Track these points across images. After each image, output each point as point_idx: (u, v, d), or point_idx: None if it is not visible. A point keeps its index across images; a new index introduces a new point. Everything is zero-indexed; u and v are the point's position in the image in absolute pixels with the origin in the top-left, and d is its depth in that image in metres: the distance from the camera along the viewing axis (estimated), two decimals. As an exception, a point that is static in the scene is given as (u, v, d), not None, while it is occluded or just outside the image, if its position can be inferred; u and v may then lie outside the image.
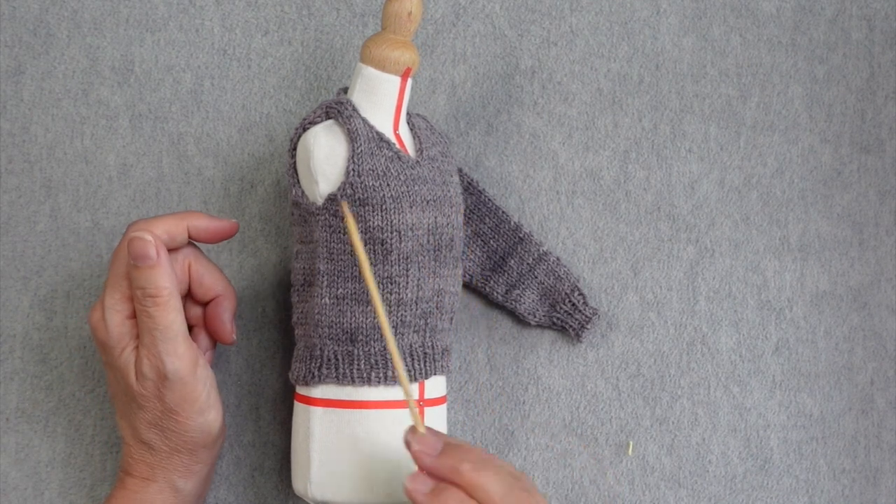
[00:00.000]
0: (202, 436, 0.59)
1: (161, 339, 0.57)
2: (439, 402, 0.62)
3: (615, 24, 0.73)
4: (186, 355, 0.57)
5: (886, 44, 0.75)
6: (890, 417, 0.72)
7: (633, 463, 0.69)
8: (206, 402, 0.59)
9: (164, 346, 0.57)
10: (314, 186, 0.59)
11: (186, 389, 0.58)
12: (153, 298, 0.56)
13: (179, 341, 0.57)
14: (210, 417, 0.59)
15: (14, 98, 0.69)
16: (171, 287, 0.57)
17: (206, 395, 0.59)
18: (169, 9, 0.70)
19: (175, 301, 0.57)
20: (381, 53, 0.59)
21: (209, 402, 0.59)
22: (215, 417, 0.59)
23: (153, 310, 0.57)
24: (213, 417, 0.59)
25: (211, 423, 0.59)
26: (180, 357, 0.57)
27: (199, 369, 0.58)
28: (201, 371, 0.58)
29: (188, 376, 0.57)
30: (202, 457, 0.60)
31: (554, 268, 0.69)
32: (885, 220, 0.74)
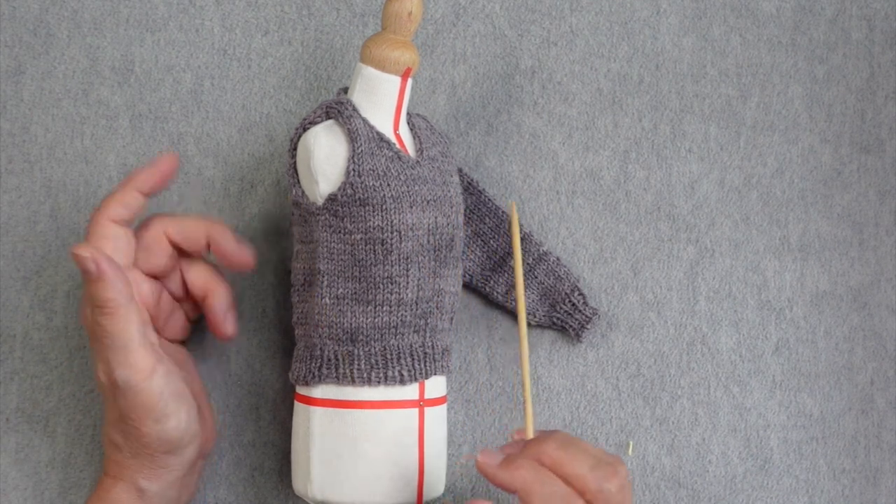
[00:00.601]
0: (160, 443, 0.58)
1: (110, 348, 0.55)
2: (439, 402, 0.62)
3: (615, 24, 0.73)
4: (139, 365, 0.56)
5: (886, 44, 0.75)
6: (890, 417, 0.72)
7: (633, 463, 0.69)
8: (162, 411, 0.56)
9: (113, 354, 0.55)
10: (314, 186, 0.59)
11: (139, 399, 0.56)
12: (100, 309, 0.55)
13: (131, 350, 0.55)
14: (169, 426, 0.57)
15: (14, 98, 0.69)
16: (118, 298, 0.55)
17: (163, 405, 0.56)
18: (169, 9, 0.70)
19: (125, 310, 0.55)
20: (381, 53, 0.59)
21: (166, 412, 0.57)
22: (175, 426, 0.57)
23: (101, 319, 0.55)
24: (173, 426, 0.57)
25: (169, 432, 0.57)
26: (131, 366, 0.55)
27: (155, 378, 0.56)
28: (158, 380, 0.56)
29: (140, 385, 0.56)
30: (166, 462, 0.59)
31: (554, 268, 0.69)
32: (885, 220, 0.74)
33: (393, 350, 0.59)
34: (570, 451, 0.53)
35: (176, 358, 0.63)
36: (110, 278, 0.55)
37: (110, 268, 0.55)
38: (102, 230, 0.58)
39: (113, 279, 0.55)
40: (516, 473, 0.52)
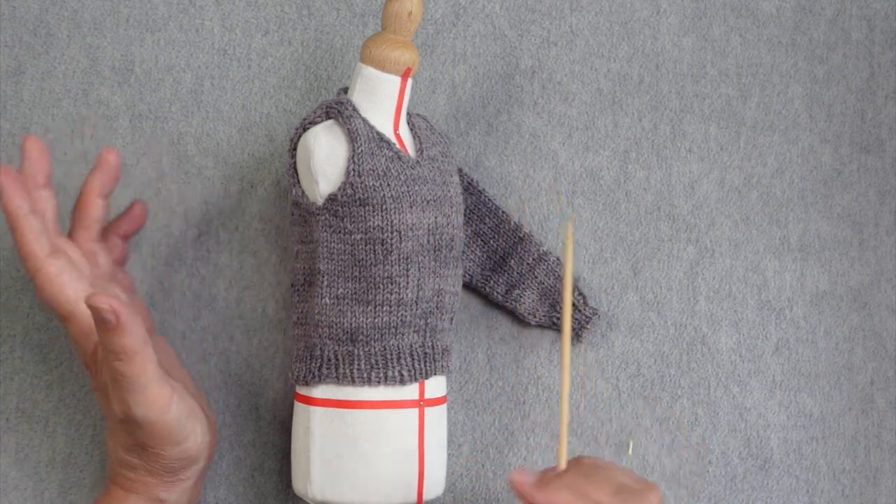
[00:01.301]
0: (180, 462, 0.58)
1: (129, 390, 0.54)
2: (439, 402, 0.62)
3: (615, 24, 0.73)
4: (158, 402, 0.55)
5: (886, 44, 0.75)
6: (890, 417, 0.72)
7: (633, 463, 0.69)
8: (180, 435, 0.56)
9: (131, 396, 0.54)
10: (314, 186, 0.59)
11: (156, 429, 0.55)
12: (116, 355, 0.53)
13: (149, 390, 0.54)
14: (188, 445, 0.57)
15: (14, 98, 0.69)
16: (135, 344, 0.53)
17: (181, 429, 0.56)
18: (169, 9, 0.70)
19: (142, 355, 0.54)
20: (381, 53, 0.59)
21: (184, 434, 0.57)
22: (192, 444, 0.57)
23: (118, 365, 0.54)
24: (191, 444, 0.57)
25: (188, 450, 0.57)
26: (149, 405, 0.55)
27: (172, 408, 0.55)
28: (175, 408, 0.56)
29: (158, 419, 0.55)
30: (185, 474, 0.59)
31: (554, 268, 0.69)
32: (885, 220, 0.74)
33: (393, 350, 0.59)
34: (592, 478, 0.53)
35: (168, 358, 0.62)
36: (128, 325, 0.53)
37: (127, 314, 0.53)
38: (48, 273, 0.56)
39: (131, 325, 0.53)
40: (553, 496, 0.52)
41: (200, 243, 0.69)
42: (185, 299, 0.68)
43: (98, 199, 0.60)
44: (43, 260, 0.56)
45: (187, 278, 0.68)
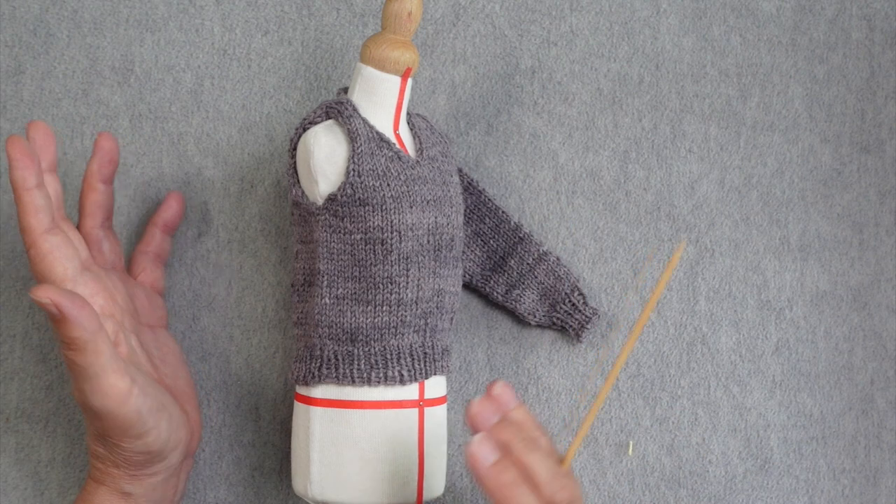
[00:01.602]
0: (142, 456, 0.58)
1: (83, 379, 0.54)
2: (439, 402, 0.62)
3: (615, 24, 0.73)
4: (113, 391, 0.55)
5: (886, 44, 0.75)
6: (890, 417, 0.72)
7: (633, 463, 0.69)
8: (141, 428, 0.56)
9: (86, 384, 0.54)
10: (314, 186, 0.59)
11: (117, 421, 0.55)
12: (67, 345, 0.54)
13: (102, 379, 0.54)
14: (149, 440, 0.57)
15: (14, 98, 0.69)
16: (83, 335, 0.53)
17: (141, 423, 0.56)
18: (169, 9, 0.70)
19: (93, 345, 0.54)
20: (381, 53, 0.59)
21: (145, 428, 0.56)
22: (155, 439, 0.57)
23: (69, 354, 0.54)
24: (153, 439, 0.57)
25: (150, 445, 0.57)
26: (105, 394, 0.55)
27: (131, 400, 0.55)
28: (134, 401, 0.55)
29: (117, 409, 0.55)
30: (150, 469, 0.59)
31: (554, 268, 0.69)
32: (885, 220, 0.74)
33: (393, 350, 0.59)
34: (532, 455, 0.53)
35: (162, 353, 0.62)
36: (73, 317, 0.53)
37: (72, 305, 0.53)
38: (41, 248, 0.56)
39: (76, 317, 0.53)
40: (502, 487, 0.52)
41: (200, 243, 0.69)
42: (185, 299, 0.68)
43: (99, 183, 0.61)
44: (38, 234, 0.56)
45: (187, 278, 0.68)
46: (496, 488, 0.52)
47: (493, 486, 0.52)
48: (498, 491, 0.52)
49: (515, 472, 0.53)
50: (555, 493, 0.53)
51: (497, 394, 0.56)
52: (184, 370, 0.63)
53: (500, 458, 0.53)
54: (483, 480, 0.52)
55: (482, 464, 0.53)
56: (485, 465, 0.53)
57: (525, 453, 0.53)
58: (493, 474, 0.52)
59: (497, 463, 0.53)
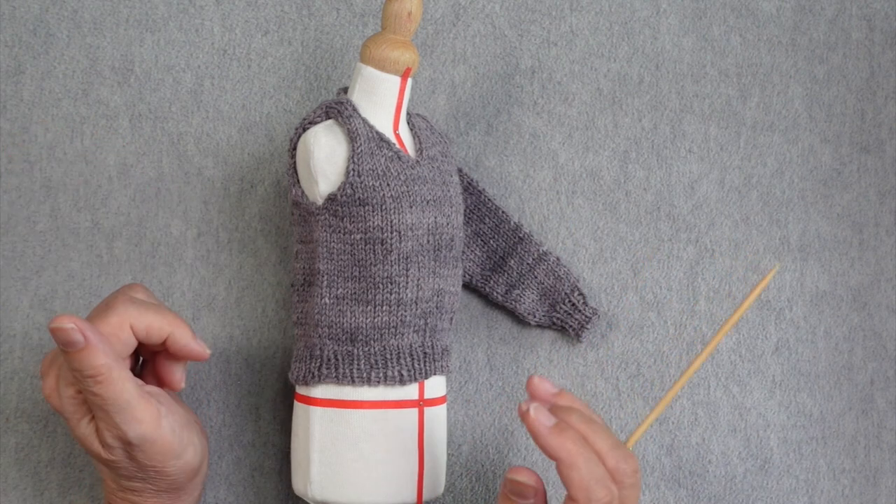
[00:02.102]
0: (185, 474, 0.58)
1: (115, 412, 0.54)
2: (439, 402, 0.62)
3: (615, 24, 0.73)
4: (147, 416, 0.55)
5: (886, 44, 0.75)
6: (890, 417, 0.72)
7: (633, 463, 0.69)
8: (179, 446, 0.56)
9: (119, 417, 0.54)
10: (314, 186, 0.59)
11: (156, 447, 0.55)
12: (92, 378, 0.53)
13: (134, 406, 0.54)
14: (188, 456, 0.57)
15: (14, 98, 0.69)
16: (108, 362, 0.53)
17: (178, 441, 0.56)
18: (169, 9, 0.70)
19: (117, 372, 0.54)
20: (381, 53, 0.59)
21: (182, 445, 0.57)
22: (193, 454, 0.57)
23: (96, 388, 0.53)
24: (192, 455, 0.57)
25: (190, 461, 0.57)
26: (140, 421, 0.54)
27: (162, 422, 0.55)
28: (166, 422, 0.56)
29: (154, 434, 0.55)
30: (190, 486, 0.59)
31: (554, 268, 0.69)
32: (885, 220, 0.74)
33: (393, 350, 0.59)
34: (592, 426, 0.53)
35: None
36: (97, 344, 0.53)
37: (93, 333, 0.53)
38: None
39: (99, 344, 0.53)
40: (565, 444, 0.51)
41: (200, 243, 0.69)
42: (184, 299, 0.68)
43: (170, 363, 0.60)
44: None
45: (187, 278, 0.68)
46: (559, 446, 0.51)
47: (556, 443, 0.51)
48: (562, 448, 0.51)
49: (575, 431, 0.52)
50: (619, 462, 0.52)
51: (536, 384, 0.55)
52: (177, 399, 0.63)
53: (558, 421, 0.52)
54: (545, 440, 0.51)
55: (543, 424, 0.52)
56: (546, 426, 0.52)
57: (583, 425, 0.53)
58: (555, 433, 0.51)
59: (558, 425, 0.52)
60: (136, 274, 0.68)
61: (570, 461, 0.51)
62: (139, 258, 0.68)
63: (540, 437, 0.52)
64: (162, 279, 0.68)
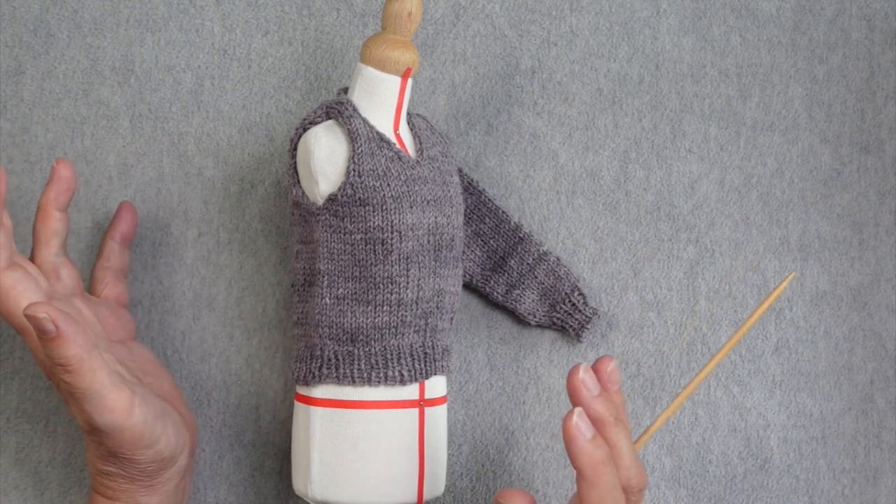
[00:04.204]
0: (156, 464, 0.57)
1: (84, 400, 0.54)
2: (439, 402, 0.62)
3: (615, 24, 0.73)
4: (118, 405, 0.54)
5: (886, 44, 0.75)
6: (890, 417, 0.72)
7: (633, 463, 0.69)
8: (150, 436, 0.56)
9: (88, 405, 0.54)
10: (314, 186, 0.59)
11: (126, 434, 0.55)
12: (62, 367, 0.53)
13: (104, 395, 0.54)
14: (161, 446, 0.57)
15: (14, 98, 0.69)
16: (78, 353, 0.52)
17: (150, 431, 0.56)
18: (169, 9, 0.70)
19: (88, 363, 0.53)
20: (381, 53, 0.59)
21: (155, 435, 0.56)
22: (166, 445, 0.57)
23: (66, 377, 0.53)
24: (163, 445, 0.57)
25: (162, 452, 0.57)
26: (110, 410, 0.54)
27: (135, 410, 0.55)
28: (138, 411, 0.55)
29: (124, 422, 0.55)
30: (164, 476, 0.59)
31: (554, 268, 0.69)
32: (885, 220, 0.74)
33: (393, 350, 0.60)
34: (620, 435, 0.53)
35: (140, 364, 0.62)
36: (69, 333, 0.52)
37: (67, 321, 0.52)
38: (3, 285, 0.56)
39: (73, 333, 0.52)
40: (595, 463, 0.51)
41: (200, 243, 0.69)
42: (185, 299, 0.68)
43: (55, 211, 0.60)
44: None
45: (187, 278, 0.68)
46: (590, 465, 0.51)
47: (587, 462, 0.51)
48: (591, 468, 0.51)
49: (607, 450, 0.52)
50: (631, 478, 0.53)
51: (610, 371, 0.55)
52: (165, 374, 0.63)
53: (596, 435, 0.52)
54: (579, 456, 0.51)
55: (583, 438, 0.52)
56: (585, 440, 0.52)
57: (615, 433, 0.53)
58: (589, 450, 0.51)
59: (594, 439, 0.52)
60: (136, 274, 0.68)
61: (594, 480, 0.51)
62: (139, 258, 0.68)
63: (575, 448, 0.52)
64: (162, 279, 0.68)
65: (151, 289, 0.68)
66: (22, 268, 0.57)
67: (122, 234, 0.65)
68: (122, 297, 0.64)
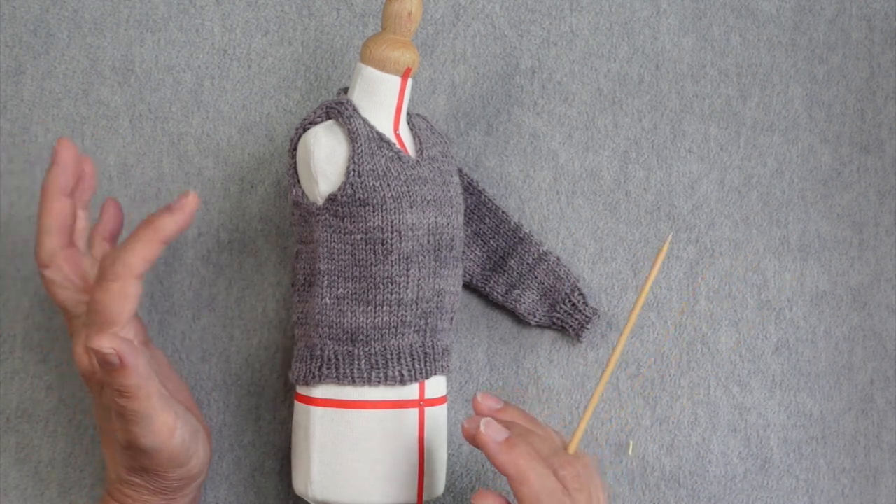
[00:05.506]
0: (183, 481, 0.58)
1: (133, 423, 0.54)
2: (440, 402, 0.62)
3: (615, 24, 0.73)
4: (163, 429, 0.55)
5: (886, 44, 0.75)
6: (890, 417, 0.72)
7: (633, 463, 0.69)
8: (185, 456, 0.56)
9: (136, 427, 0.54)
10: (314, 186, 0.59)
11: (164, 455, 0.55)
12: (119, 393, 0.53)
13: (153, 419, 0.54)
14: (191, 465, 0.57)
15: (14, 98, 0.69)
16: (139, 382, 0.52)
17: (185, 451, 0.56)
18: (169, 9, 0.70)
19: (145, 390, 0.53)
20: (381, 53, 0.59)
21: (188, 455, 0.57)
22: (196, 463, 0.58)
23: (121, 401, 0.53)
24: (194, 464, 0.57)
25: (192, 469, 0.58)
26: (156, 434, 0.54)
27: (176, 433, 0.55)
28: (178, 433, 0.55)
29: (165, 445, 0.55)
30: (186, 491, 0.59)
31: (554, 268, 0.69)
32: (885, 220, 0.74)
33: (393, 350, 0.60)
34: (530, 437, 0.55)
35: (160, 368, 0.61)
36: (132, 365, 0.52)
37: (132, 352, 0.52)
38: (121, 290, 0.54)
39: (135, 365, 0.52)
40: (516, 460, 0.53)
41: (200, 243, 0.69)
42: (185, 299, 0.68)
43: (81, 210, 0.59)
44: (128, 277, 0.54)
45: (187, 278, 0.68)
46: (510, 462, 0.52)
47: (507, 459, 0.52)
48: (512, 464, 0.52)
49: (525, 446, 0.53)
50: (557, 469, 0.53)
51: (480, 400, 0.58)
52: (182, 381, 0.63)
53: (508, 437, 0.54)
54: (496, 456, 0.53)
55: (494, 439, 0.53)
56: (496, 441, 0.53)
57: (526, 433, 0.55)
58: (505, 449, 0.53)
59: (508, 440, 0.53)
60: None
61: (520, 476, 0.52)
62: (139, 258, 0.68)
63: (490, 453, 0.53)
64: (162, 279, 0.68)
65: (151, 289, 0.68)
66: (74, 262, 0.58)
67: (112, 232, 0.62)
68: None
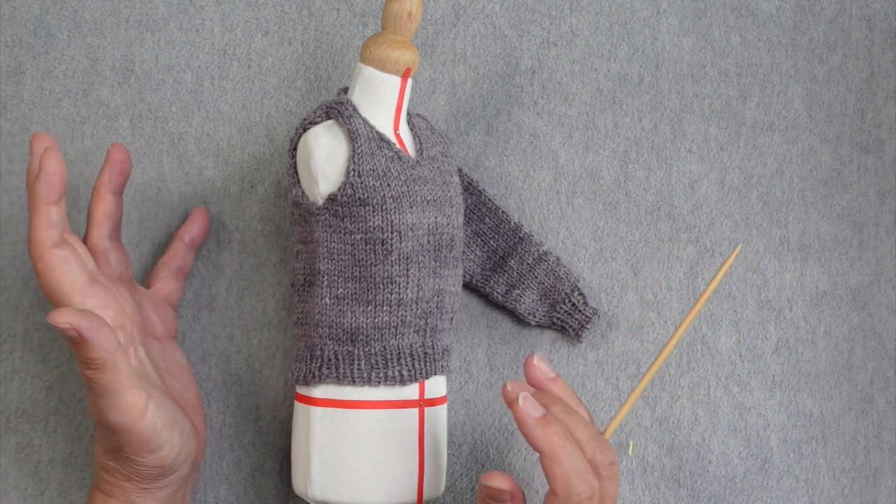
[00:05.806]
0: (155, 469, 0.58)
1: (101, 397, 0.54)
2: (440, 402, 0.62)
3: (615, 24, 0.73)
4: (131, 408, 0.55)
5: (886, 44, 0.75)
6: (890, 417, 0.72)
7: (633, 463, 0.69)
8: (156, 442, 0.56)
9: (104, 402, 0.55)
10: (314, 186, 0.59)
11: (133, 436, 0.56)
12: (86, 364, 0.54)
13: (121, 396, 0.54)
14: (163, 453, 0.57)
15: (14, 98, 0.69)
16: (103, 355, 0.53)
17: (157, 436, 0.56)
18: (169, 9, 0.70)
19: (112, 363, 0.54)
20: (381, 53, 0.59)
21: (160, 442, 0.57)
22: (169, 452, 0.57)
23: (88, 373, 0.54)
24: (166, 453, 0.57)
25: (163, 458, 0.57)
26: (123, 411, 0.55)
27: (147, 415, 0.55)
28: (150, 415, 0.56)
29: (133, 425, 0.55)
30: (161, 482, 0.59)
31: (554, 268, 0.69)
32: (885, 220, 0.74)
33: (393, 350, 0.60)
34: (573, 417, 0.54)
35: (169, 365, 0.62)
36: (93, 339, 0.53)
37: (91, 327, 0.53)
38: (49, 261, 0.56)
39: (96, 339, 0.53)
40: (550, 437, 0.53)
41: (200, 243, 0.69)
42: (185, 299, 0.68)
43: (109, 194, 0.61)
44: (47, 248, 0.56)
45: (187, 278, 0.68)
46: (543, 438, 0.52)
47: (541, 436, 0.52)
48: (546, 441, 0.52)
49: (561, 425, 0.53)
50: (595, 454, 0.53)
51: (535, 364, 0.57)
52: (192, 383, 0.63)
53: (545, 414, 0.54)
54: (531, 431, 0.53)
55: (530, 414, 0.53)
56: (533, 417, 0.53)
57: (565, 416, 0.54)
58: (541, 424, 0.53)
59: (544, 416, 0.53)
60: (136, 274, 0.68)
61: (553, 454, 0.52)
62: (139, 258, 0.68)
63: (526, 428, 0.53)
64: (162, 279, 0.68)
65: (151, 289, 0.68)
66: (71, 247, 0.57)
67: (193, 237, 0.66)
68: (174, 295, 0.65)
